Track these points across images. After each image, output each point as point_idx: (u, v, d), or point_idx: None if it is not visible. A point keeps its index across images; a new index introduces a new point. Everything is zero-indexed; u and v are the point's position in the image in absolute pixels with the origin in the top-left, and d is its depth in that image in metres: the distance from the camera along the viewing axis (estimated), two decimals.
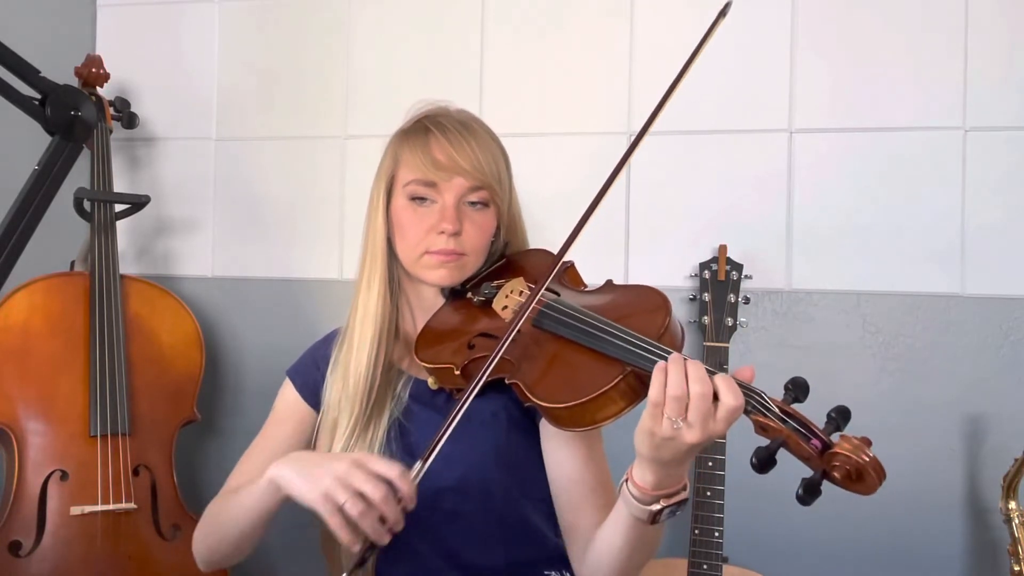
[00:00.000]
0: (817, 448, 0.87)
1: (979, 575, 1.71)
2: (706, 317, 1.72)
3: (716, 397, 0.90)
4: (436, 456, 1.17)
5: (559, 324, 1.08)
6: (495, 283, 1.21)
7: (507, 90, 1.93)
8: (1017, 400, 1.70)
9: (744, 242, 1.79)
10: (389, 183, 1.23)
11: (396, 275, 1.25)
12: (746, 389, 0.92)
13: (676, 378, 0.90)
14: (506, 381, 1.08)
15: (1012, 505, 1.56)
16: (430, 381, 1.20)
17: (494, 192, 1.21)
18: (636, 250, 1.87)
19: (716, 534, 1.60)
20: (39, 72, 1.50)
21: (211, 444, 2.05)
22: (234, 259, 2.07)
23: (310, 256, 2.03)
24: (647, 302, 1.10)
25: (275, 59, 2.06)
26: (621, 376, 0.98)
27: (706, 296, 1.73)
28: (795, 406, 0.90)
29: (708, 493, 1.60)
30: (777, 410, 0.89)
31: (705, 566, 1.59)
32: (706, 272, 1.75)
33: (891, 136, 1.76)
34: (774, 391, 0.93)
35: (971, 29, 1.73)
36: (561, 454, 1.17)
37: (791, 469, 0.92)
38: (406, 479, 0.99)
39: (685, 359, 0.92)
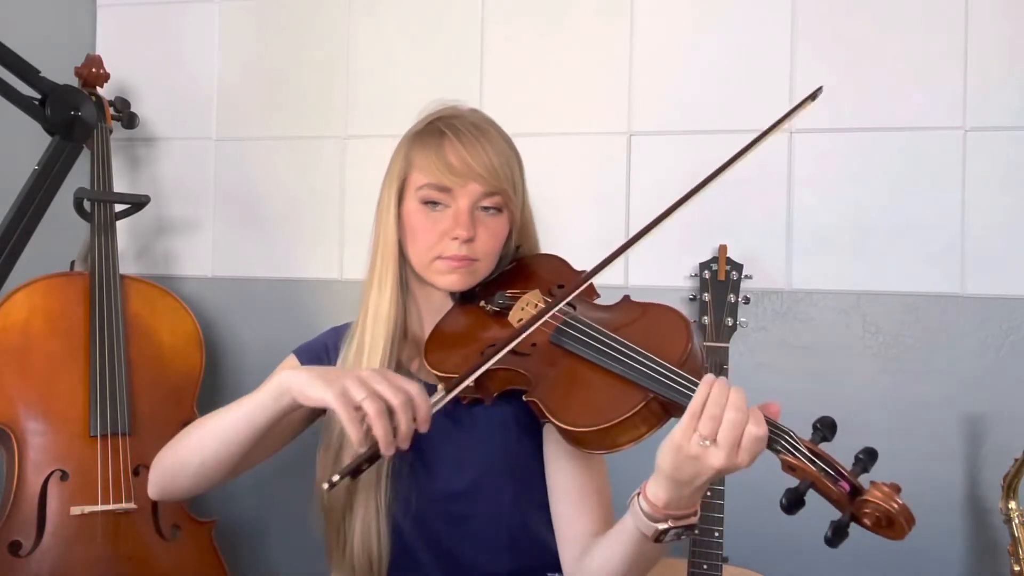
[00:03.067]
0: (845, 491, 0.87)
1: (979, 575, 1.71)
2: (706, 317, 1.72)
3: None
4: (445, 462, 1.17)
5: (578, 343, 1.07)
6: (509, 293, 1.19)
7: (507, 90, 1.93)
8: (1017, 400, 1.70)
9: (744, 242, 1.79)
10: (400, 185, 1.21)
11: (406, 277, 1.24)
12: (773, 426, 0.91)
13: (717, 397, 0.90)
14: (524, 398, 1.07)
15: (1012, 505, 1.56)
16: (439, 387, 1.19)
17: (508, 197, 1.19)
18: (636, 250, 1.85)
19: (716, 534, 1.59)
20: (39, 72, 1.50)
21: None
22: (234, 259, 2.07)
23: (310, 256, 2.03)
24: (669, 325, 1.07)
25: (275, 59, 2.06)
26: (644, 403, 0.97)
27: (706, 296, 1.73)
28: (823, 445, 0.90)
29: (708, 493, 1.60)
30: (805, 450, 0.89)
31: (705, 566, 1.59)
32: (706, 272, 1.75)
33: (891, 136, 1.76)
34: (774, 390, 0.94)
35: (971, 29, 1.73)
36: (562, 461, 1.16)
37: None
38: (425, 398, 0.98)
39: (730, 386, 0.91)
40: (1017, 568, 1.55)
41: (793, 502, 0.87)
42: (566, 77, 1.91)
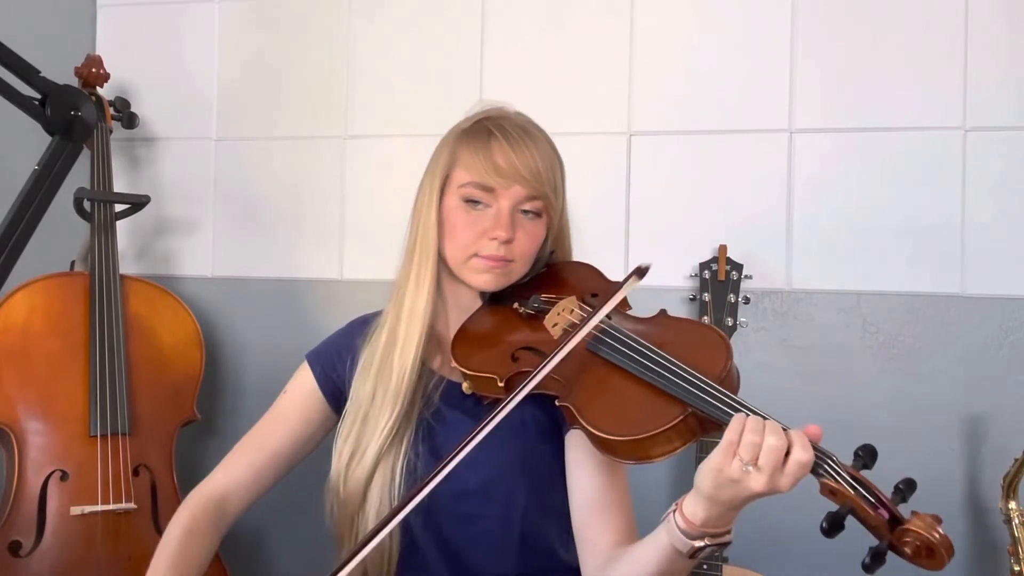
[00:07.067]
0: (884, 518, 0.87)
1: (979, 575, 1.71)
2: (706, 317, 1.72)
3: (787, 453, 0.90)
4: (461, 460, 1.16)
5: (617, 353, 1.06)
6: (544, 297, 1.19)
7: (507, 90, 1.92)
8: (1017, 400, 1.70)
9: (744, 242, 1.79)
10: (443, 181, 1.21)
11: (438, 273, 1.23)
12: (817, 450, 0.91)
13: (755, 424, 0.91)
14: (556, 403, 1.07)
15: (1012, 505, 1.56)
16: (464, 385, 1.19)
17: (549, 202, 1.19)
18: (636, 250, 1.87)
19: None
20: (39, 72, 1.50)
21: (211, 444, 2.05)
22: (234, 259, 2.07)
23: (310, 256, 2.03)
24: (708, 341, 1.07)
25: (275, 59, 2.06)
26: (682, 417, 0.97)
27: (706, 296, 1.73)
28: (864, 472, 0.91)
29: None
30: (847, 475, 0.89)
31: (705, 566, 1.59)
32: (706, 272, 1.75)
33: (891, 136, 1.76)
34: (774, 390, 0.94)
35: (971, 29, 1.73)
36: (586, 470, 1.15)
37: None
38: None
39: (766, 418, 0.92)
40: (1017, 568, 1.55)
41: (833, 525, 0.87)
42: (566, 77, 1.91)
